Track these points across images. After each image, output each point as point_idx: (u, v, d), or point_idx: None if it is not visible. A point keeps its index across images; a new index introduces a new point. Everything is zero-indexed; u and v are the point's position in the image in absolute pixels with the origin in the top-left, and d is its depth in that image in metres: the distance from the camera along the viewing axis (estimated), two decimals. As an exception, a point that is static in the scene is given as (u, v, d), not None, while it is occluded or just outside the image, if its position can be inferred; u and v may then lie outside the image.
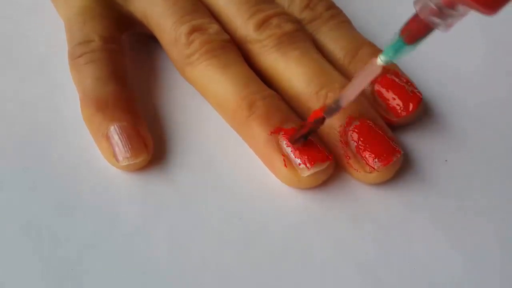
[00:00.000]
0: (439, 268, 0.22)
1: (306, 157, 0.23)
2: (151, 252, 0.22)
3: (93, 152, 0.24)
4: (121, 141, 0.24)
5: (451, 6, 0.19)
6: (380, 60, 0.20)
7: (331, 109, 0.22)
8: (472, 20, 0.31)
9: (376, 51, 0.27)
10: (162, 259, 0.22)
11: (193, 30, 0.26)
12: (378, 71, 0.21)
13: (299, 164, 0.23)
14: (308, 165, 0.23)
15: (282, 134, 0.23)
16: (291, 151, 0.23)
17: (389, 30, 0.30)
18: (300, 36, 0.26)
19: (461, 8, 0.19)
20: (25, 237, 0.22)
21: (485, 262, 0.22)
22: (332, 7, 0.28)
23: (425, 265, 0.22)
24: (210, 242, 0.23)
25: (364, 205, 0.24)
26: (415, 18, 0.19)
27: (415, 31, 0.19)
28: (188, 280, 0.22)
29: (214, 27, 0.26)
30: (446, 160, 0.25)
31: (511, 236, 0.23)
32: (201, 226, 0.23)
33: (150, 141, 0.24)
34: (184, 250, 0.22)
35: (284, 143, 0.23)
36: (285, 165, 0.23)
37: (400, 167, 0.24)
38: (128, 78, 0.26)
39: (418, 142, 0.25)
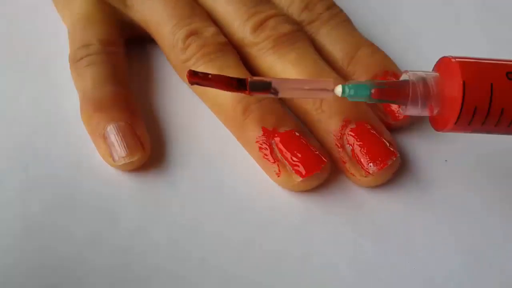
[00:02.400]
0: (439, 268, 0.22)
1: (300, 164, 0.23)
2: (151, 252, 0.22)
3: (92, 153, 0.24)
4: (117, 140, 0.24)
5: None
6: (338, 91, 0.20)
7: (258, 85, 0.20)
8: (472, 20, 0.31)
9: (375, 51, 0.27)
10: (162, 259, 0.22)
11: (190, 34, 0.26)
12: (328, 95, 0.20)
13: (293, 171, 0.23)
14: (302, 172, 0.23)
15: (277, 140, 0.23)
16: (285, 158, 0.23)
17: (389, 29, 0.30)
18: (297, 37, 0.26)
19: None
20: (24, 237, 0.22)
21: (485, 262, 0.22)
22: (331, 6, 0.28)
23: (425, 265, 0.22)
24: (210, 242, 0.23)
25: (364, 205, 0.24)
26: (399, 86, 0.20)
27: (388, 95, 0.20)
28: (188, 280, 0.22)
29: (210, 30, 0.26)
30: (446, 160, 0.25)
31: (511, 236, 0.23)
32: (201, 226, 0.23)
33: (147, 140, 0.24)
34: (184, 250, 0.22)
35: (278, 148, 0.23)
36: (279, 173, 0.23)
37: (400, 167, 0.24)
38: (128, 80, 0.26)
39: (418, 142, 0.25)
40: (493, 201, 0.24)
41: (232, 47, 0.26)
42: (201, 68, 0.25)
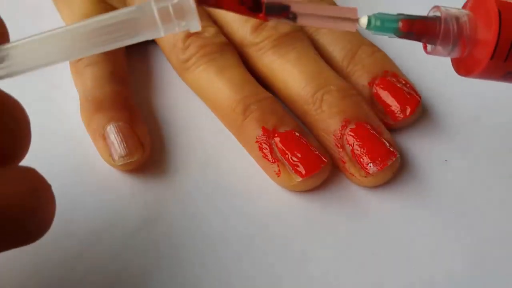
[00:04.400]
0: (439, 268, 0.22)
1: (300, 164, 0.23)
2: (151, 252, 0.22)
3: (93, 153, 0.24)
4: (116, 140, 0.24)
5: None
6: (363, 22, 0.19)
7: (275, 7, 0.18)
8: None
9: (375, 51, 0.27)
10: (162, 259, 0.22)
11: (190, 34, 0.26)
12: (351, 27, 0.19)
13: (293, 171, 0.23)
14: (302, 172, 0.23)
15: (277, 140, 0.23)
16: (285, 157, 0.23)
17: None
18: (297, 37, 0.26)
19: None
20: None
21: (485, 262, 0.22)
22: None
23: (425, 265, 0.22)
24: (210, 242, 0.23)
25: (364, 205, 0.24)
26: (430, 21, 0.19)
27: (418, 29, 0.19)
28: (188, 280, 0.22)
29: (210, 30, 0.26)
30: (445, 160, 0.25)
31: (511, 236, 0.23)
32: (201, 226, 0.23)
33: (147, 140, 0.25)
34: (184, 250, 0.22)
35: (278, 148, 0.23)
36: (279, 173, 0.23)
37: (400, 167, 0.24)
38: (128, 80, 0.26)
39: (418, 142, 0.25)
40: (493, 201, 0.24)
41: (232, 47, 0.26)
42: (201, 69, 0.25)
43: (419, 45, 0.29)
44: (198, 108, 0.26)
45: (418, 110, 0.25)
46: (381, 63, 0.26)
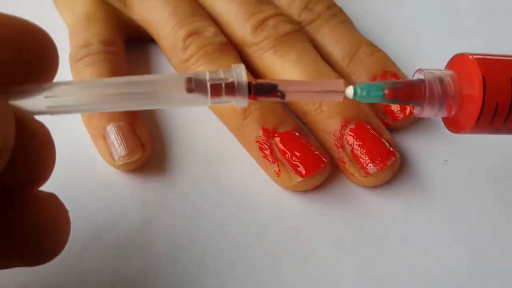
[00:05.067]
0: (439, 268, 0.22)
1: (300, 164, 0.23)
2: (151, 252, 0.22)
3: (93, 153, 0.24)
4: (116, 140, 0.24)
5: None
6: (349, 92, 0.19)
7: (264, 87, 0.18)
8: (473, 20, 0.31)
9: (375, 51, 0.27)
10: (162, 259, 0.22)
11: (190, 34, 0.26)
12: (338, 98, 0.19)
13: (293, 171, 0.23)
14: (302, 172, 0.23)
15: (277, 139, 0.23)
16: (285, 157, 0.23)
17: (389, 29, 0.30)
18: (298, 37, 0.26)
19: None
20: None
21: (485, 262, 0.22)
22: (332, 6, 0.28)
23: (425, 265, 0.22)
24: (210, 242, 0.23)
25: (364, 205, 0.24)
26: (415, 86, 0.19)
27: (403, 95, 0.19)
28: (188, 280, 0.22)
29: (210, 30, 0.26)
30: (446, 160, 0.25)
31: (511, 236, 0.23)
32: (201, 226, 0.23)
33: (147, 140, 0.25)
34: (184, 250, 0.22)
35: (278, 148, 0.23)
36: (279, 173, 0.23)
37: (400, 167, 0.24)
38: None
39: (418, 142, 0.25)
40: (493, 201, 0.24)
41: (233, 47, 0.26)
42: (201, 68, 0.25)
43: (419, 45, 0.30)
44: (198, 108, 0.26)
45: (418, 110, 0.25)
46: (381, 63, 0.26)
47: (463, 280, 0.22)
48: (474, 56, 0.19)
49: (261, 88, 0.18)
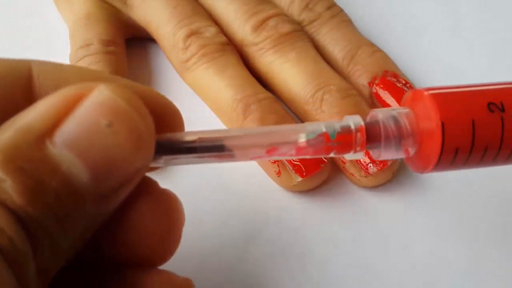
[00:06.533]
0: (439, 268, 0.22)
1: (300, 164, 0.23)
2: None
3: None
4: None
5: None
6: (303, 138, 0.17)
7: (204, 147, 0.16)
8: (472, 21, 0.31)
9: (375, 51, 0.27)
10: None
11: (190, 34, 0.26)
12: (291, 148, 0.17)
13: (293, 171, 0.23)
14: (303, 172, 0.23)
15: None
16: (285, 158, 0.23)
17: (389, 29, 0.30)
18: (298, 37, 0.26)
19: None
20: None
21: (485, 262, 0.22)
22: (332, 6, 0.28)
23: (425, 265, 0.22)
24: (210, 242, 0.23)
25: (364, 205, 0.24)
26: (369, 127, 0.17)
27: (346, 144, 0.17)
28: (187, 280, 0.22)
29: (211, 30, 0.26)
30: (446, 160, 0.25)
31: (511, 236, 0.23)
32: (201, 226, 0.23)
33: None
34: (184, 250, 0.22)
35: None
36: (279, 173, 0.23)
37: (400, 167, 0.24)
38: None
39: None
40: (493, 201, 0.24)
41: (233, 47, 0.26)
42: (201, 68, 0.25)
43: (419, 44, 0.30)
44: (199, 108, 0.26)
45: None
46: (381, 63, 0.26)
47: (463, 280, 0.22)
48: (431, 93, 0.17)
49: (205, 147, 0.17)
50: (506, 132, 0.17)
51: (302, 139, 0.17)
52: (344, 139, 0.17)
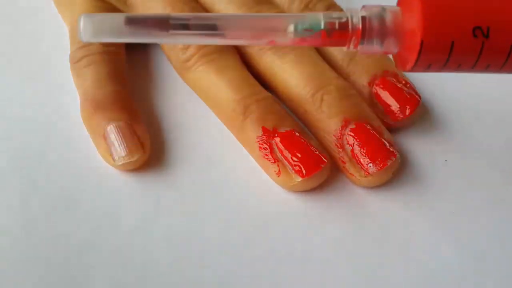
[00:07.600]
0: (439, 268, 0.22)
1: (300, 164, 0.23)
2: (151, 252, 0.22)
3: (92, 153, 0.24)
4: (116, 140, 0.24)
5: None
6: (290, 30, 0.18)
7: (198, 25, 0.18)
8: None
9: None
10: (162, 259, 0.22)
11: None
12: (284, 40, 0.19)
13: (293, 171, 0.23)
14: (303, 172, 0.23)
15: (277, 139, 0.23)
16: (285, 157, 0.23)
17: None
18: None
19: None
20: (24, 237, 0.22)
21: (485, 262, 0.22)
22: (332, 6, 0.28)
23: (425, 265, 0.22)
24: (210, 242, 0.23)
25: (364, 205, 0.24)
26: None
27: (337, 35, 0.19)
28: (188, 280, 0.22)
29: None
30: (446, 160, 0.25)
31: (511, 236, 0.23)
32: (201, 226, 0.23)
33: (147, 140, 0.25)
34: (184, 250, 0.22)
35: (278, 148, 0.23)
36: (279, 173, 0.23)
37: (400, 167, 0.24)
38: (127, 80, 0.26)
39: (418, 142, 0.25)
40: (493, 201, 0.24)
41: (233, 47, 0.26)
42: (201, 69, 0.25)
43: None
44: (199, 108, 0.26)
45: (418, 110, 0.25)
46: (381, 63, 0.26)
47: (463, 280, 0.22)
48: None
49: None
50: (481, 58, 0.18)
51: (291, 29, 0.18)
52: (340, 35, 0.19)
